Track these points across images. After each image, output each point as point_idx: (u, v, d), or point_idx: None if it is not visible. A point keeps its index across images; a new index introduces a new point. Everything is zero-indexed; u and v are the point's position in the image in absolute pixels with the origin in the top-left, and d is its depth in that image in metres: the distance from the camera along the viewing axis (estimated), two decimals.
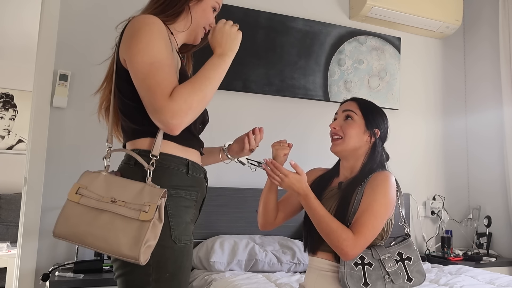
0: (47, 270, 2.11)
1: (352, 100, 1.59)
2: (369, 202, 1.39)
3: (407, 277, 1.38)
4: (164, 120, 1.03)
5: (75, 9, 2.45)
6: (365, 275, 1.36)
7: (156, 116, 1.04)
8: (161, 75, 1.05)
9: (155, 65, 1.06)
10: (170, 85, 1.05)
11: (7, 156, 4.47)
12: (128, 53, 1.10)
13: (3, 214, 4.10)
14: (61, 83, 2.33)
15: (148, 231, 0.99)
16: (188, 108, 1.04)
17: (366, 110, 1.55)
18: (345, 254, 1.33)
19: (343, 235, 1.32)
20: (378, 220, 1.37)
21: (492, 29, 3.25)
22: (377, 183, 1.42)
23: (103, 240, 1.00)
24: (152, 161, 1.10)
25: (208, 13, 1.29)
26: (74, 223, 1.03)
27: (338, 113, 1.59)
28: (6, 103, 4.55)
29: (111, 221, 1.01)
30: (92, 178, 1.08)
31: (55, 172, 2.31)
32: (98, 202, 1.03)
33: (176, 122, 1.03)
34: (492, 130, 3.19)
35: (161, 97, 1.03)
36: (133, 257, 0.98)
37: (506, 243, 3.01)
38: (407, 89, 3.25)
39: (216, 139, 2.71)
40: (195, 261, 2.27)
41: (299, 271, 2.30)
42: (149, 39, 1.08)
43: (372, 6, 2.93)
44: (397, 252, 1.42)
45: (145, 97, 1.06)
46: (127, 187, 1.05)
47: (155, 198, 1.03)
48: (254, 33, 2.79)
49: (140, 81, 1.07)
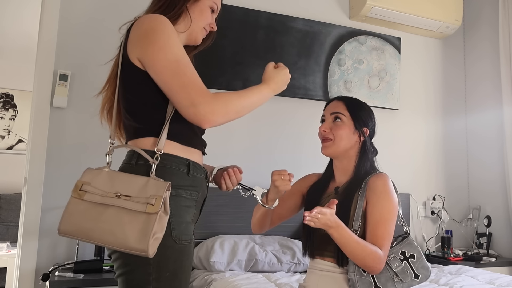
0: (47, 270, 2.11)
1: (339, 100, 1.58)
2: (379, 212, 1.39)
3: (414, 274, 1.41)
4: (202, 113, 1.07)
5: (75, 9, 2.45)
6: (374, 279, 1.37)
7: (192, 110, 1.07)
8: (190, 72, 1.10)
9: (181, 62, 1.10)
10: (200, 81, 1.11)
11: (7, 156, 4.47)
12: (148, 52, 1.11)
13: (3, 214, 4.10)
14: (61, 83, 2.33)
15: (156, 223, 1.00)
16: (226, 111, 1.10)
17: (353, 109, 1.54)
18: (376, 270, 1.36)
19: (377, 255, 1.34)
20: (392, 227, 1.40)
21: (492, 29, 3.25)
22: (380, 190, 1.42)
23: (110, 234, 1.00)
24: (157, 155, 1.10)
25: (205, 13, 1.29)
26: (80, 219, 1.03)
27: (325, 115, 1.57)
28: (6, 103, 4.55)
29: (117, 215, 1.01)
30: (95, 174, 1.08)
31: (55, 172, 2.31)
32: (103, 197, 1.04)
33: (213, 118, 1.08)
34: (492, 130, 3.19)
35: (201, 92, 1.08)
36: (141, 249, 0.98)
37: (506, 243, 3.01)
38: (407, 89, 3.25)
39: (216, 139, 2.71)
40: (195, 261, 2.27)
41: (299, 271, 2.31)
42: (167, 37, 1.11)
43: (372, 6, 2.93)
44: (400, 251, 1.44)
45: (179, 93, 1.08)
46: (130, 181, 1.06)
47: (161, 191, 1.03)
48: (254, 33, 2.79)
49: (169, 78, 1.09)
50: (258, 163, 2.73)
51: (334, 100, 1.60)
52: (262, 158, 2.76)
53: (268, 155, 2.78)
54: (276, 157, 2.79)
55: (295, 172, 1.47)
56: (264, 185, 1.54)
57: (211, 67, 2.65)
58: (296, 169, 2.81)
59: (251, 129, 2.77)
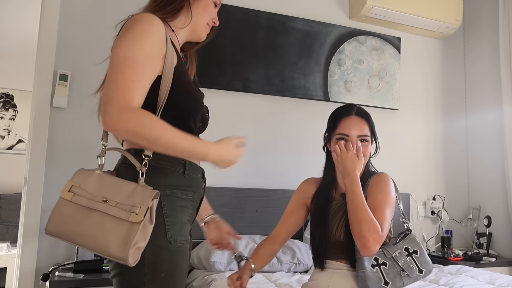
0: (47, 270, 2.11)
1: (361, 118, 1.56)
2: (376, 199, 1.44)
3: (419, 269, 1.44)
4: (108, 117, 1.00)
5: (75, 9, 2.45)
6: (384, 274, 1.40)
7: (103, 107, 1.02)
8: (129, 74, 1.03)
9: (130, 60, 1.05)
10: (134, 89, 1.03)
11: (7, 156, 4.47)
12: (114, 45, 1.10)
13: (3, 214, 4.10)
14: (61, 83, 2.33)
15: (138, 233, 0.98)
16: (133, 131, 1.01)
17: (373, 126, 1.58)
18: (368, 247, 1.34)
19: (375, 227, 1.35)
20: (389, 213, 1.44)
21: (492, 29, 3.25)
22: (379, 185, 1.48)
23: (93, 239, 0.99)
24: (145, 162, 1.08)
25: (209, 9, 1.28)
26: (66, 221, 1.02)
27: (350, 136, 1.52)
28: (6, 103, 4.55)
29: (101, 221, 1.00)
30: (86, 176, 1.07)
31: (55, 172, 2.31)
32: (90, 201, 1.03)
33: (114, 128, 1.01)
34: (492, 130, 3.19)
35: (122, 99, 1.01)
36: (122, 258, 0.98)
37: (506, 243, 3.01)
38: (407, 89, 3.25)
39: (216, 139, 2.71)
40: (195, 261, 2.27)
41: (299, 271, 2.30)
42: (136, 34, 1.08)
43: (372, 6, 2.93)
44: (404, 247, 1.47)
45: (108, 86, 1.04)
46: (120, 187, 1.05)
47: (147, 200, 1.02)
48: (254, 33, 2.80)
49: (109, 70, 1.06)
50: (258, 163, 2.74)
51: (352, 115, 1.56)
52: (262, 158, 2.76)
53: (268, 155, 2.78)
54: (276, 157, 2.79)
55: (295, 172, 1.48)
56: (264, 184, 1.54)
57: (211, 66, 2.65)
58: (296, 169, 2.84)
59: (251, 129, 2.77)
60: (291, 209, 1.63)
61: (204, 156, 1.09)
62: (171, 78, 1.12)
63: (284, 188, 2.69)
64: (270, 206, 2.63)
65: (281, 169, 2.78)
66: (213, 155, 1.10)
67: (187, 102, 1.17)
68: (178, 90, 1.14)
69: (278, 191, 2.68)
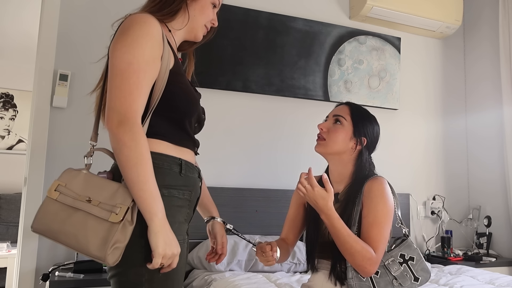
0: (47, 270, 2.11)
1: (346, 105, 1.58)
2: (373, 214, 1.39)
3: (414, 277, 1.40)
4: (111, 123, 1.02)
5: (75, 9, 2.45)
6: (374, 284, 1.37)
7: (108, 112, 1.04)
8: (136, 80, 1.05)
9: (133, 66, 1.06)
10: (138, 97, 1.05)
11: (7, 156, 4.47)
12: (113, 48, 1.10)
13: (3, 214, 4.10)
14: (61, 83, 2.33)
15: (117, 233, 0.99)
16: (124, 144, 1.02)
17: (357, 116, 1.53)
18: (367, 272, 1.34)
19: (368, 254, 1.32)
20: (386, 230, 1.39)
21: (492, 29, 3.25)
22: (375, 193, 1.42)
23: (74, 238, 1.01)
24: None
25: (207, 10, 1.28)
26: (50, 219, 1.04)
27: (329, 116, 1.58)
28: (6, 103, 4.55)
29: (84, 220, 1.02)
30: (73, 176, 1.08)
31: (55, 172, 2.31)
32: (74, 200, 1.04)
33: (114, 133, 1.02)
34: (492, 130, 3.19)
35: (128, 108, 1.03)
36: (100, 257, 0.99)
37: (506, 243, 3.01)
38: (407, 89, 3.25)
39: (216, 139, 2.72)
40: (195, 261, 2.27)
41: (299, 271, 2.31)
42: (135, 38, 1.08)
43: (372, 6, 2.93)
44: (399, 254, 1.43)
45: (112, 92, 1.05)
46: (104, 187, 1.06)
47: (127, 200, 1.03)
48: (254, 33, 2.79)
49: (113, 76, 1.07)
50: (258, 163, 2.74)
51: (343, 103, 1.60)
52: (262, 158, 2.76)
53: (268, 155, 2.78)
54: (276, 157, 2.79)
55: (295, 172, 1.47)
56: (264, 184, 1.54)
57: (211, 66, 2.65)
58: (296, 169, 2.83)
59: (251, 129, 2.77)
60: (292, 210, 1.61)
61: (152, 216, 1.02)
62: (166, 80, 1.12)
63: (284, 188, 2.69)
64: (270, 206, 2.63)
65: (281, 169, 2.78)
66: (158, 225, 1.03)
67: (183, 103, 1.17)
68: (174, 91, 1.14)
69: (278, 191, 2.68)
